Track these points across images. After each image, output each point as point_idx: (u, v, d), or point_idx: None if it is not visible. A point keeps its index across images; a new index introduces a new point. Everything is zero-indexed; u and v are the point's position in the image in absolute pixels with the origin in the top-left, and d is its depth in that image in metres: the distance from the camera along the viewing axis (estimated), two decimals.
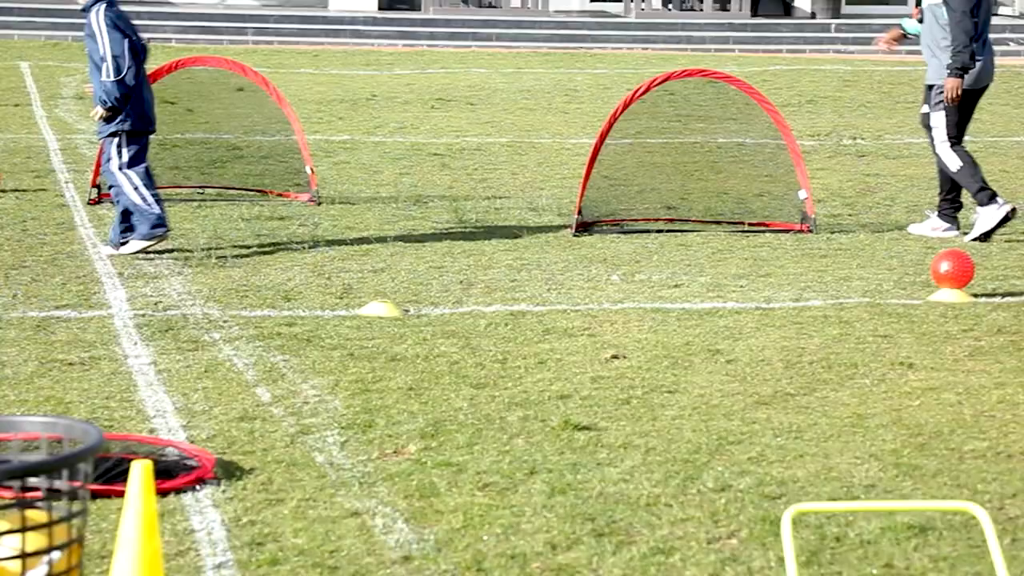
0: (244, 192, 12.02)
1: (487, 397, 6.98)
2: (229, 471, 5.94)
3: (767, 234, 10.79)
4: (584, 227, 10.79)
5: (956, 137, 10.79)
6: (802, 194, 10.93)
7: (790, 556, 4.14)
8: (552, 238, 10.62)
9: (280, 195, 11.90)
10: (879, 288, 9.19)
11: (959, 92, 10.68)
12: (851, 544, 5.32)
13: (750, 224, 11.02)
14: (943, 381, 7.26)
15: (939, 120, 10.79)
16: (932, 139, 10.88)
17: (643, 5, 28.71)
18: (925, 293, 8.98)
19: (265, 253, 10.01)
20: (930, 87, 10.91)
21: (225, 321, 8.27)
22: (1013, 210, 10.64)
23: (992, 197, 10.66)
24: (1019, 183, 13.10)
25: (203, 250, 9.95)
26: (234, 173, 12.74)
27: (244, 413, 6.70)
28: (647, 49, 26.73)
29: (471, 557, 5.20)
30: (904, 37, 11.41)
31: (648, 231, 10.81)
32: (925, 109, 10.98)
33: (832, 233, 10.92)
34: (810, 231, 10.85)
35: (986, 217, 10.68)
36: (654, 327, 8.23)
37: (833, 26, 27.96)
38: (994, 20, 30.17)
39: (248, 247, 10.17)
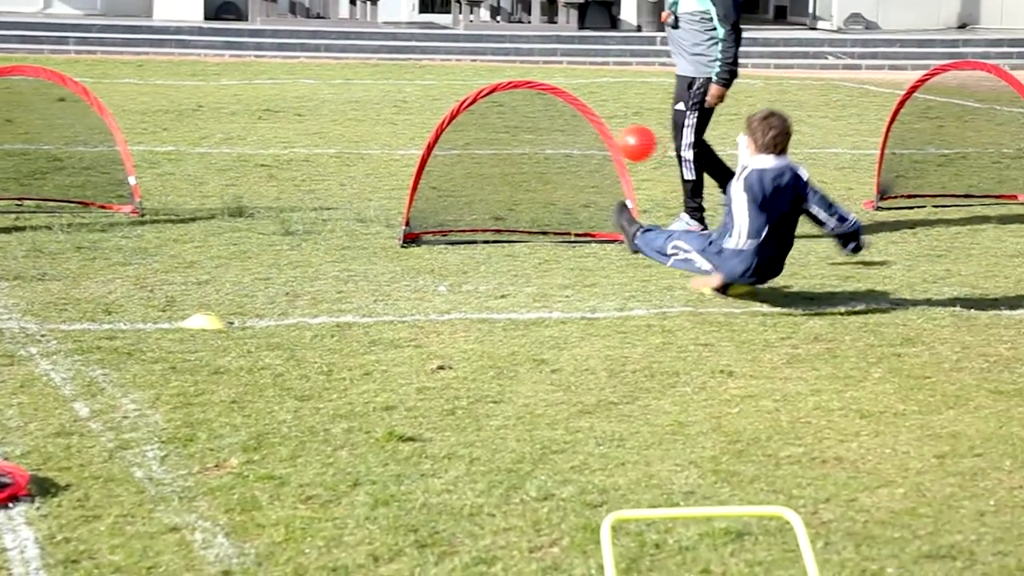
0: (65, 204, 11.78)
1: (311, 409, 6.94)
2: (44, 488, 5.82)
3: (593, 244, 10.90)
4: (412, 238, 10.79)
5: (700, 144, 11.37)
6: (627, 204, 11.05)
7: (609, 563, 4.19)
8: (379, 249, 10.60)
9: (102, 207, 11.69)
10: (701, 297, 9.32)
11: (722, 98, 11.34)
12: (670, 550, 5.39)
13: (576, 235, 11.12)
14: (761, 388, 7.40)
15: (693, 120, 11.30)
16: (681, 139, 11.36)
17: (471, 17, 28.82)
18: (744, 302, 9.13)
19: (86, 266, 9.83)
20: (689, 85, 11.31)
21: (43, 335, 8.10)
22: (704, 231, 11.25)
23: (701, 220, 11.37)
24: (837, 194, 13.41)
25: (21, 261, 9.74)
26: (54, 185, 12.50)
27: (61, 428, 6.57)
28: (476, 60, 26.83)
29: (292, 571, 5.17)
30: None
31: (476, 242, 10.84)
32: (681, 107, 11.31)
33: None
34: None
35: (681, 228, 11.26)
36: (480, 337, 8.26)
37: (659, 39, 28.36)
38: (812, 34, 30.80)
39: (68, 260, 9.98)
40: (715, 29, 11.25)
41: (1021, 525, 5.73)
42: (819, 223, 8.76)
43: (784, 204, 8.64)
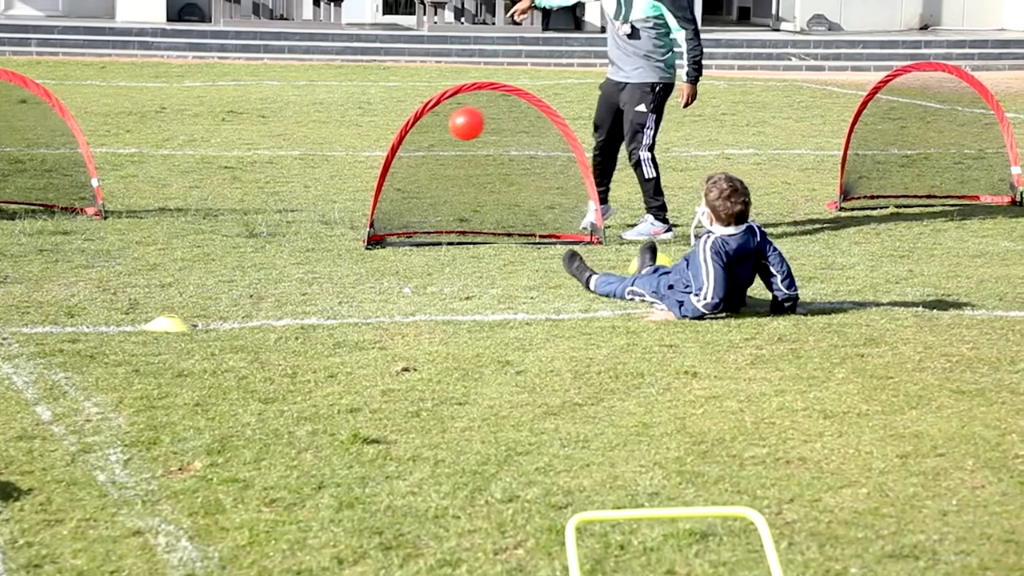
0: (27, 206, 11.73)
1: (275, 412, 6.92)
2: (6, 492, 5.79)
3: (558, 246, 10.90)
4: (376, 240, 10.78)
5: (654, 145, 11.47)
6: (592, 206, 11.08)
7: (574, 565, 4.19)
8: (344, 251, 10.58)
9: (65, 209, 11.64)
10: None
11: (695, 96, 11.53)
12: (635, 551, 5.40)
13: (541, 236, 11.13)
14: (726, 389, 7.42)
15: (653, 123, 11.36)
16: (640, 141, 11.34)
17: (436, 18, 28.80)
18: None
19: (48, 269, 9.78)
20: (652, 88, 11.30)
21: (4, 338, 8.06)
22: (669, 231, 11.38)
23: (665, 220, 11.38)
24: (800, 194, 13.47)
25: None
26: (16, 187, 12.43)
27: (23, 432, 6.53)
28: (440, 62, 26.82)
29: (256, 574, 5.15)
30: (535, 9, 11.83)
31: (440, 244, 10.84)
32: (642, 108, 11.29)
33: (621, 244, 11.09)
34: (600, 242, 11.00)
35: (647, 229, 11.32)
36: (445, 339, 8.26)
37: None
38: (776, 36, 30.89)
39: (30, 262, 9.92)
40: (669, 33, 11.32)
41: (983, 524, 5.76)
42: (769, 278, 8.85)
43: (747, 269, 8.87)
